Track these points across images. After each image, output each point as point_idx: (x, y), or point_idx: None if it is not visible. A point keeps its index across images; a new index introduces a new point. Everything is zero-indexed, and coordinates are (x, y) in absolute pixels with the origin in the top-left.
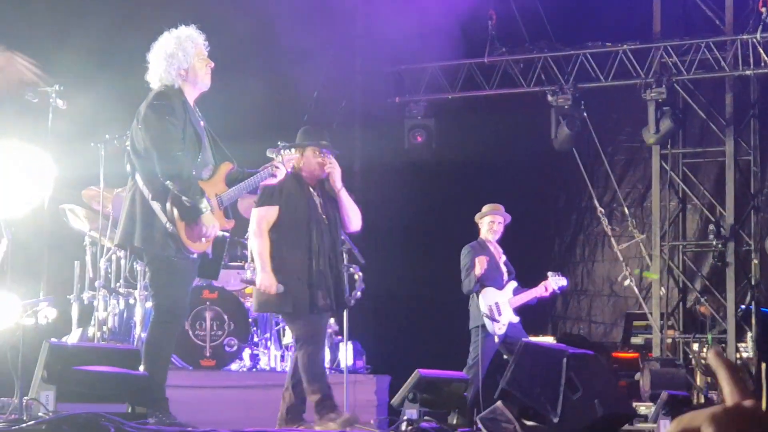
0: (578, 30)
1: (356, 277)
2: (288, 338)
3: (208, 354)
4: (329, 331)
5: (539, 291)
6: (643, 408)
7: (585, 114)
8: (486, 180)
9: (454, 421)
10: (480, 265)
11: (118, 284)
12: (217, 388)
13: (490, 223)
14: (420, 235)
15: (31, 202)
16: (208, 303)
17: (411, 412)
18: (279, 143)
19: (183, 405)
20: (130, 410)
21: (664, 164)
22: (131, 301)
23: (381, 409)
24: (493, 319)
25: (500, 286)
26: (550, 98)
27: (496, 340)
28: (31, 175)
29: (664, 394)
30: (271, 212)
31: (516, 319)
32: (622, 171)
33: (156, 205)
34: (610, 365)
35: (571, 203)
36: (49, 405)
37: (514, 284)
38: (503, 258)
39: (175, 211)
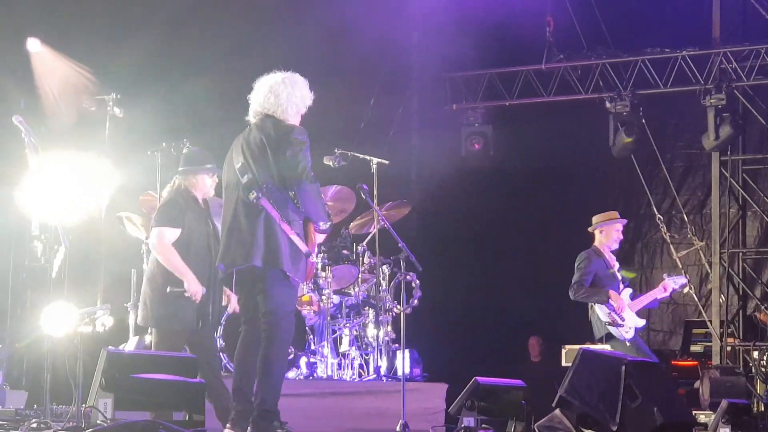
0: (636, 36)
1: (413, 284)
2: (345, 346)
3: None
4: (386, 339)
5: (658, 292)
6: (703, 416)
7: (643, 120)
8: (543, 187)
9: (513, 429)
10: (617, 306)
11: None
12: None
13: (617, 231)
14: (477, 243)
15: (88, 211)
16: None
17: (468, 420)
18: (336, 151)
19: None
20: (187, 418)
21: (723, 171)
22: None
23: (438, 418)
24: (617, 324)
25: (618, 293)
26: (608, 105)
27: (628, 344)
28: (88, 184)
29: (723, 403)
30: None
31: (641, 322)
32: (681, 178)
33: (294, 236)
34: (669, 373)
35: (630, 210)
36: (107, 412)
37: (629, 290)
38: (617, 266)
39: (314, 235)
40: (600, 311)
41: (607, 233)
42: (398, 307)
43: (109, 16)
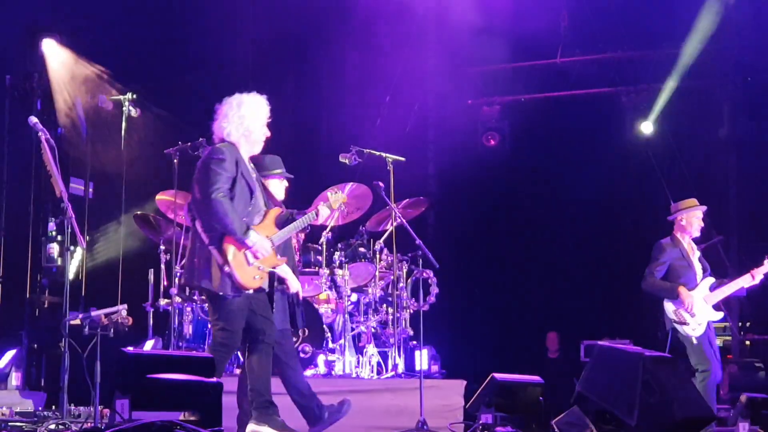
0: (652, 30)
1: (430, 281)
2: (363, 343)
3: None
4: (404, 336)
5: (745, 281)
6: (722, 411)
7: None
8: (560, 182)
9: (531, 426)
10: (686, 304)
11: (192, 292)
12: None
13: (698, 218)
14: (494, 239)
15: (105, 211)
16: None
17: (486, 416)
18: (352, 148)
19: None
20: (203, 418)
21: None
22: (206, 307)
23: (456, 415)
24: (683, 323)
25: (693, 285)
26: (624, 99)
27: (694, 342)
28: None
29: (743, 397)
30: None
31: (718, 315)
32: (697, 170)
33: (212, 248)
34: (687, 368)
35: (646, 201)
36: (125, 413)
37: (711, 280)
38: (697, 254)
39: (230, 254)
40: (668, 306)
41: (689, 221)
42: (416, 304)
43: (128, 16)
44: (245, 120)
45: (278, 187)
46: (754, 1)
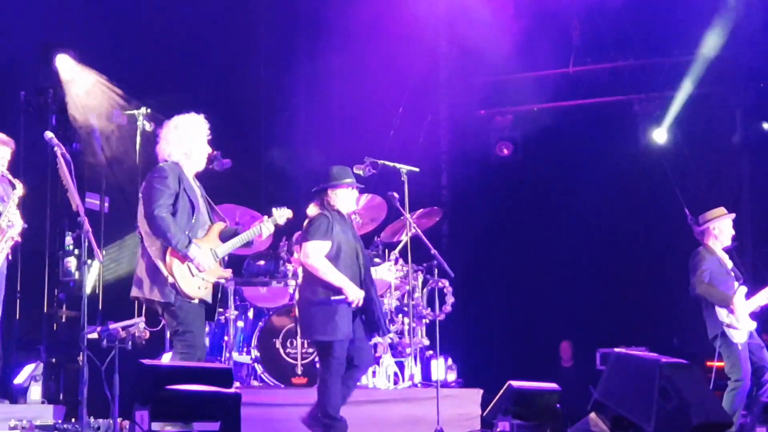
0: (664, 38)
1: (446, 291)
2: (379, 354)
3: (299, 372)
4: (420, 346)
5: None
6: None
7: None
8: (573, 191)
9: None
10: (737, 312)
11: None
12: (308, 406)
13: (729, 227)
14: (508, 248)
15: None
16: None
17: (504, 424)
18: (366, 159)
19: (275, 423)
20: (222, 429)
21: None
22: (222, 319)
23: (473, 423)
24: (733, 327)
25: (732, 293)
26: (636, 107)
27: (740, 348)
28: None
29: (760, 403)
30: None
31: (753, 325)
32: (712, 176)
33: (158, 261)
34: (704, 374)
35: (660, 209)
36: (144, 424)
37: (744, 289)
38: (730, 264)
39: (173, 266)
40: (720, 311)
41: (721, 230)
42: (431, 313)
43: (140, 29)
44: (184, 141)
45: (348, 196)
46: (766, 7)
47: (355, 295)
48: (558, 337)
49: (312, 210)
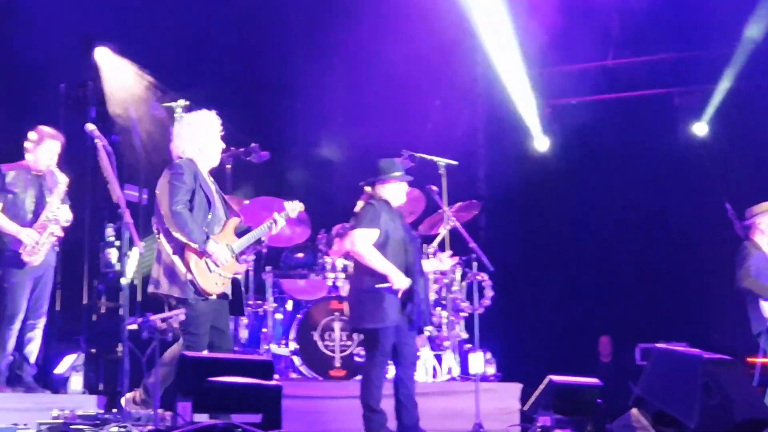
0: (704, 31)
1: (484, 284)
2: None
3: (337, 364)
4: (457, 339)
5: None
6: None
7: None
8: (611, 185)
9: (588, 428)
10: None
11: (247, 296)
12: (347, 399)
13: None
14: (546, 241)
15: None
16: (336, 314)
17: (544, 419)
18: (404, 152)
19: (313, 415)
20: (263, 420)
21: None
22: (260, 312)
23: (513, 418)
24: None
25: None
26: (676, 100)
27: None
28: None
29: None
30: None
31: None
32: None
33: (176, 258)
34: (747, 370)
35: (700, 203)
36: (186, 416)
37: None
38: None
39: (191, 262)
40: (765, 306)
41: (764, 222)
42: (470, 307)
43: (180, 22)
44: (197, 137)
45: (397, 190)
46: None
47: (401, 282)
48: (597, 332)
49: (360, 203)
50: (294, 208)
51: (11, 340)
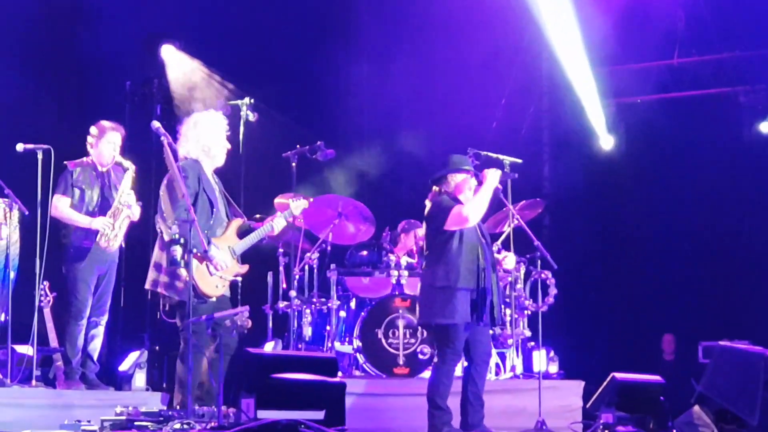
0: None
1: (549, 282)
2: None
3: (401, 362)
4: (522, 337)
5: None
6: None
7: None
8: (676, 183)
9: (651, 426)
10: None
11: (311, 293)
12: (410, 396)
13: None
14: (610, 240)
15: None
16: (400, 311)
17: (607, 416)
18: (469, 150)
19: (377, 412)
20: (327, 417)
21: None
22: (324, 309)
23: (575, 415)
24: None
25: None
26: (742, 99)
27: None
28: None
29: None
30: None
31: None
32: None
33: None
34: None
35: (764, 202)
36: (250, 412)
37: None
38: None
39: (193, 263)
40: None
41: None
42: (534, 305)
43: (248, 22)
44: (202, 138)
45: (468, 183)
46: None
47: (495, 177)
48: (660, 330)
49: (428, 203)
50: (298, 205)
51: (80, 336)
